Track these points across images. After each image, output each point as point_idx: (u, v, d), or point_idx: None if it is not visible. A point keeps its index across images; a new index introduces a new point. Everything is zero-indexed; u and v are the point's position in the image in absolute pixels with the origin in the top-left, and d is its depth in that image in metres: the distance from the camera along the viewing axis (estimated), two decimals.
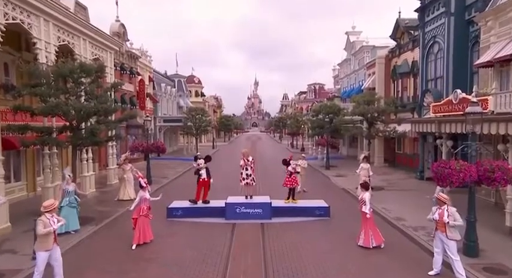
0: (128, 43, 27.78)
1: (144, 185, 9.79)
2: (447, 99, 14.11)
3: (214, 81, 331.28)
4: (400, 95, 24.25)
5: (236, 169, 14.52)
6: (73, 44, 14.60)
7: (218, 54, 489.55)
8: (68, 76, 10.74)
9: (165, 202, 13.15)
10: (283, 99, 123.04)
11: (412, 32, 22.86)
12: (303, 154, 17.50)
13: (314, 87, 70.72)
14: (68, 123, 10.98)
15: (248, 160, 12.70)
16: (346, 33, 34.79)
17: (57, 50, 13.49)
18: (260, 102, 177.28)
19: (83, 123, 11.28)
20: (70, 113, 10.26)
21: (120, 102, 23.75)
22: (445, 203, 7.56)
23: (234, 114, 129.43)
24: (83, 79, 10.99)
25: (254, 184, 12.93)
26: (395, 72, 24.63)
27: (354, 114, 18.88)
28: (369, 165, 14.87)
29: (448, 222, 7.34)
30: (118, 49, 20.23)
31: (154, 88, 36.05)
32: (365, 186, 9.73)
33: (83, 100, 11.59)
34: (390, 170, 23.63)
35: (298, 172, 13.55)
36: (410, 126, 17.74)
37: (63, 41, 13.92)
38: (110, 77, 17.73)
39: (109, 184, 18.35)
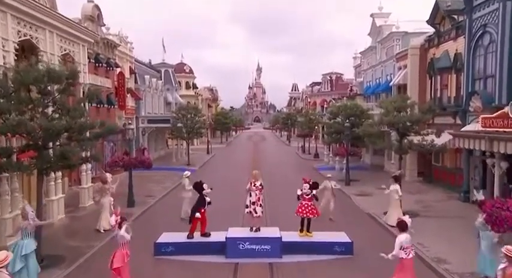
0: (103, 28, 27.48)
1: (114, 223, 9.50)
2: (502, 111, 13.73)
3: (208, 66, 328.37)
4: (438, 95, 23.89)
5: (236, 185, 14.30)
6: (37, 38, 14.33)
7: (212, 31, 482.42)
8: (33, 85, 10.48)
9: (152, 235, 12.93)
10: (292, 90, 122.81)
11: (456, 17, 22.37)
12: (328, 175, 17.28)
13: (330, 77, 69.90)
14: (31, 142, 10.73)
15: (255, 185, 12.55)
16: (372, 15, 34.39)
17: (17, 46, 13.20)
18: (264, 92, 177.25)
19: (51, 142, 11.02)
20: (36, 132, 10.02)
21: (96, 102, 23.42)
22: None
23: (232, 107, 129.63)
24: (49, 88, 10.73)
25: (256, 215, 12.59)
26: (432, 66, 24.24)
27: (381, 123, 18.54)
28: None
29: None
30: (92, 41, 19.94)
31: (136, 82, 35.84)
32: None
33: (50, 113, 11.33)
34: (425, 187, 23.33)
35: (316, 197, 13.18)
36: (453, 138, 17.40)
37: (24, 36, 13.65)
38: (84, 76, 17.47)
39: (82, 207, 18.10)
